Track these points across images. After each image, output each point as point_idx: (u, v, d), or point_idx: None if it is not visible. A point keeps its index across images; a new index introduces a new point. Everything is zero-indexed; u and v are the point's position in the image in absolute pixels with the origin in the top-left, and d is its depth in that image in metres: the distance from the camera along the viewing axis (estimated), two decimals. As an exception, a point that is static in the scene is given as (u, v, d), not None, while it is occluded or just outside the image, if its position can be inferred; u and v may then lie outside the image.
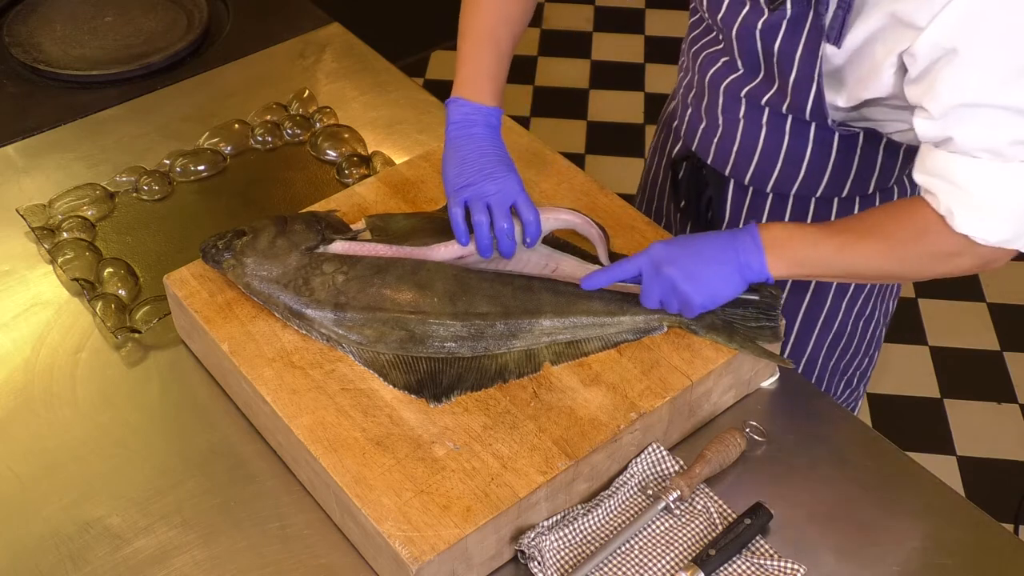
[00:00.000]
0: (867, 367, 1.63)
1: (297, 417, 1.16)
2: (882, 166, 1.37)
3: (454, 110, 1.29)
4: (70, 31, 1.87)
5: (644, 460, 1.19)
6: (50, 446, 1.25)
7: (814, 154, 1.35)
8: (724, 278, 1.18)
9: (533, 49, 3.55)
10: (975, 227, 1.09)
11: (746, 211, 1.46)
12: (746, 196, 1.44)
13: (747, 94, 1.34)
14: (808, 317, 1.50)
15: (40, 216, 1.52)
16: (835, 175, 1.37)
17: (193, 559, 1.14)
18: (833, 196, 1.40)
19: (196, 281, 1.30)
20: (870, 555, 1.14)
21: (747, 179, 1.42)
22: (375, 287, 1.24)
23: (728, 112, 1.38)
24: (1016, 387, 2.58)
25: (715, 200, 1.47)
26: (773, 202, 1.43)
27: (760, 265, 1.17)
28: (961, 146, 1.07)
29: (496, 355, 1.22)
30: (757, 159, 1.39)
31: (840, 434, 1.27)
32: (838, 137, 1.33)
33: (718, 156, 1.43)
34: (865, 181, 1.38)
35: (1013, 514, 2.28)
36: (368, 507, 1.08)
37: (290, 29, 1.88)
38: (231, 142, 1.65)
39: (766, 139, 1.37)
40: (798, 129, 1.34)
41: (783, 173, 1.39)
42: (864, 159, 1.35)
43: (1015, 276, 2.85)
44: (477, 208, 1.25)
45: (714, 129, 1.42)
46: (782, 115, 1.33)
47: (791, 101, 1.29)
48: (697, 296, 1.18)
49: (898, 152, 1.36)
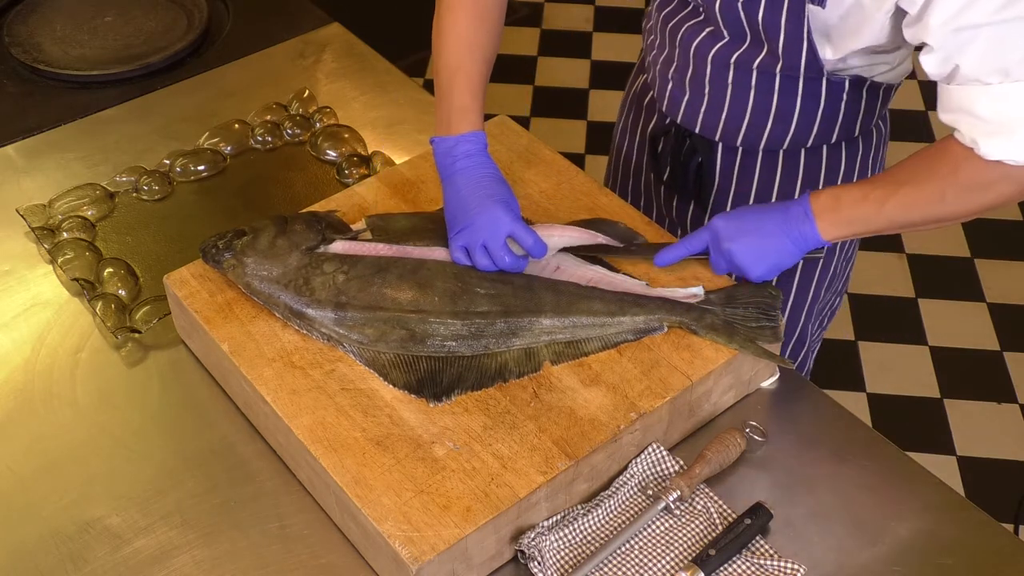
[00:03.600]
0: (837, 305, 1.69)
1: (297, 417, 1.16)
2: (866, 108, 1.41)
3: (435, 149, 1.30)
4: (70, 31, 1.87)
5: (644, 460, 1.19)
6: (50, 446, 1.25)
7: (803, 108, 1.38)
8: (780, 250, 1.25)
9: (533, 49, 3.55)
10: (1003, 151, 1.11)
11: (737, 173, 1.48)
12: (736, 158, 1.47)
13: (736, 60, 1.36)
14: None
15: (40, 216, 1.52)
16: (823, 124, 1.40)
17: (193, 559, 1.14)
18: (821, 145, 1.44)
19: (196, 281, 1.30)
20: (870, 555, 1.14)
21: (738, 142, 1.45)
22: (375, 286, 1.24)
23: (716, 80, 1.40)
24: (1016, 387, 2.58)
25: (705, 166, 1.49)
26: (763, 159, 1.46)
27: (813, 233, 1.23)
28: (968, 73, 1.09)
29: (496, 354, 1.22)
30: (747, 122, 1.42)
31: (840, 434, 1.27)
32: (826, 88, 1.36)
33: (706, 124, 1.45)
34: (851, 125, 1.42)
35: (1013, 514, 2.28)
36: (368, 507, 1.08)
37: (290, 29, 1.88)
38: (231, 142, 1.65)
39: (755, 101, 1.39)
40: (787, 88, 1.36)
41: (774, 131, 1.42)
42: (850, 105, 1.39)
43: (1015, 276, 2.85)
44: (476, 253, 1.25)
45: (700, 99, 1.43)
46: (772, 76, 1.35)
47: (783, 62, 1.32)
48: (756, 269, 1.25)
49: (879, 92, 1.40)
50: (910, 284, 2.83)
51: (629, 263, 1.32)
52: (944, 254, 2.91)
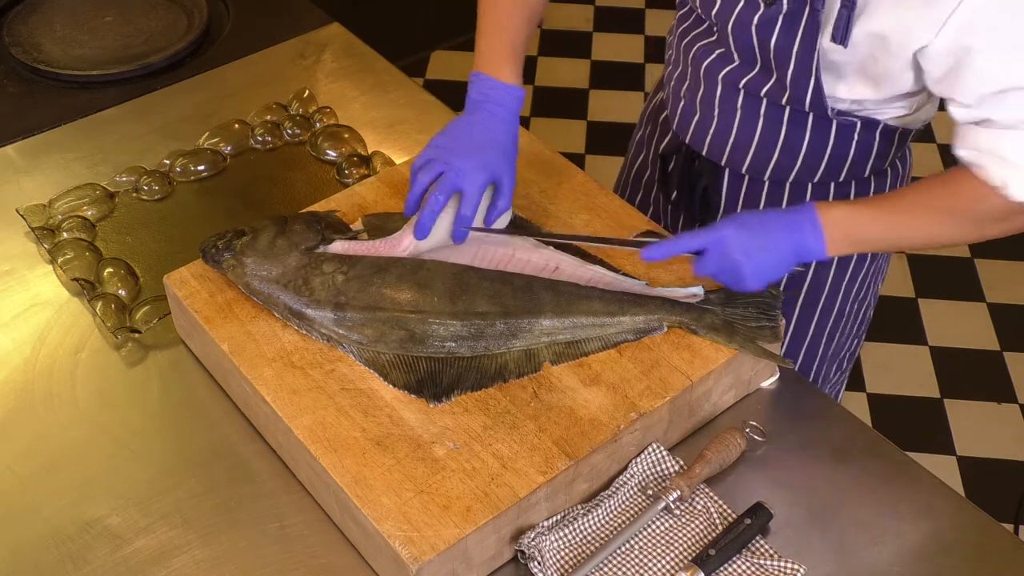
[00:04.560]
0: (855, 348, 1.66)
1: (297, 417, 1.16)
2: (878, 150, 1.38)
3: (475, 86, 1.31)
4: (70, 31, 1.87)
5: (644, 460, 1.19)
6: (50, 446, 1.25)
7: (812, 143, 1.36)
8: (782, 262, 1.22)
9: (533, 49, 3.55)
10: None
11: (742, 200, 1.47)
12: (742, 185, 1.45)
13: (745, 85, 1.35)
14: (808, 302, 1.51)
15: (40, 216, 1.52)
16: (832, 162, 1.38)
17: (193, 559, 1.14)
18: (830, 181, 1.41)
19: (196, 281, 1.30)
20: (870, 555, 1.14)
21: (744, 168, 1.43)
22: (375, 287, 1.24)
23: (725, 102, 1.39)
24: (1016, 387, 2.58)
25: (711, 190, 1.48)
26: (770, 190, 1.44)
27: (819, 247, 1.20)
28: (1001, 124, 1.12)
29: (496, 355, 1.22)
30: (754, 149, 1.40)
31: (840, 434, 1.27)
32: (836, 126, 1.34)
33: (713, 147, 1.44)
34: (861, 166, 1.40)
35: (1013, 514, 2.28)
36: (368, 507, 1.08)
37: (290, 29, 1.88)
38: (231, 142, 1.65)
39: (763, 129, 1.37)
40: (796, 119, 1.34)
41: (780, 162, 1.40)
42: (861, 145, 1.37)
43: (1015, 276, 2.85)
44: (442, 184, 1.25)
45: (709, 120, 1.42)
46: (780, 106, 1.34)
47: (790, 93, 1.30)
48: (754, 281, 1.21)
49: (893, 136, 1.38)
50: (910, 284, 2.83)
51: (628, 262, 1.32)
52: (944, 254, 2.91)
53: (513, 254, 1.31)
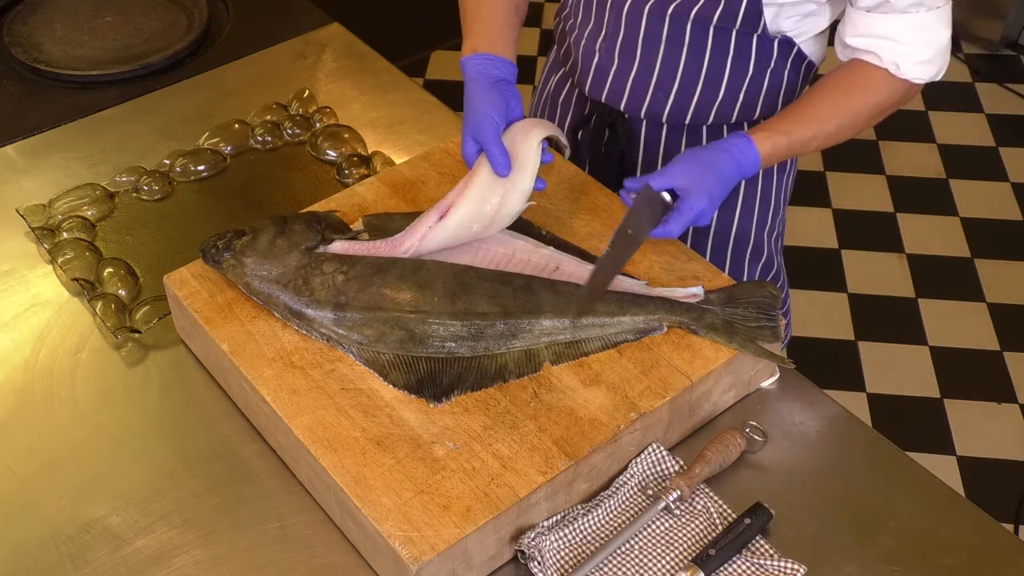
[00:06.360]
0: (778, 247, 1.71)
1: (297, 417, 1.16)
2: (788, 82, 1.46)
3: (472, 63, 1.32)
4: (70, 31, 1.87)
5: (644, 460, 1.19)
6: (50, 446, 1.25)
7: (732, 73, 1.42)
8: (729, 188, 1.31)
9: (533, 49, 3.55)
10: (917, 72, 1.31)
11: (662, 154, 1.51)
12: (661, 136, 1.49)
13: (673, 12, 1.38)
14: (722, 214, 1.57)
15: (40, 216, 1.52)
16: (750, 92, 1.44)
17: (193, 559, 1.14)
18: (743, 122, 1.48)
19: (196, 281, 1.30)
20: (870, 555, 1.15)
21: (664, 116, 1.47)
22: (375, 287, 1.24)
23: (648, 40, 1.41)
24: (1016, 387, 2.58)
25: (627, 153, 1.52)
26: (688, 138, 1.49)
27: (755, 159, 1.31)
28: (896, 7, 1.27)
29: (496, 355, 1.22)
30: (676, 87, 1.44)
31: (840, 434, 1.27)
32: (756, 48, 1.39)
33: (633, 96, 1.47)
34: (774, 99, 1.46)
35: (1013, 514, 2.28)
36: (368, 507, 1.08)
37: (290, 29, 1.88)
38: (231, 142, 1.65)
39: (686, 64, 1.42)
40: (719, 46, 1.39)
41: (702, 97, 1.44)
42: (776, 74, 1.43)
43: (1015, 276, 2.85)
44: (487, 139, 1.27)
45: (628, 66, 1.45)
46: (705, 30, 1.38)
47: (724, 8, 1.34)
48: (711, 212, 1.27)
49: (800, 66, 1.45)
50: (910, 284, 2.83)
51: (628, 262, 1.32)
52: (944, 254, 2.91)
53: (513, 254, 1.31)
